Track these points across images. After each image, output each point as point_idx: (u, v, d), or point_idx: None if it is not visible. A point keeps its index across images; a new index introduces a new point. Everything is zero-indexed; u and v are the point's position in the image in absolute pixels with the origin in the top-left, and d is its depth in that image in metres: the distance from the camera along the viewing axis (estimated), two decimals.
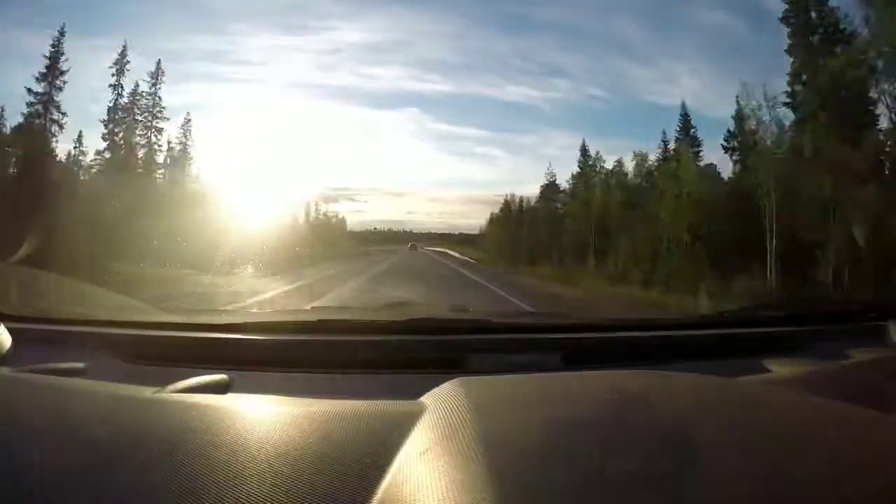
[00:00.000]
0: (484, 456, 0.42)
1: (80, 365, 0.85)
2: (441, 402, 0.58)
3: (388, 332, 1.10)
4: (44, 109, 16.88)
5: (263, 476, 0.42)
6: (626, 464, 0.41)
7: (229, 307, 5.79)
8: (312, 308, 3.20)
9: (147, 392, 0.70)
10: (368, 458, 0.44)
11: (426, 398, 0.61)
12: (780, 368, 0.91)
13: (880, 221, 9.57)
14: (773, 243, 12.49)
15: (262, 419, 0.57)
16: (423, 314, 1.30)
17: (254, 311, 1.35)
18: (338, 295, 8.13)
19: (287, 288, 8.60)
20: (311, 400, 0.75)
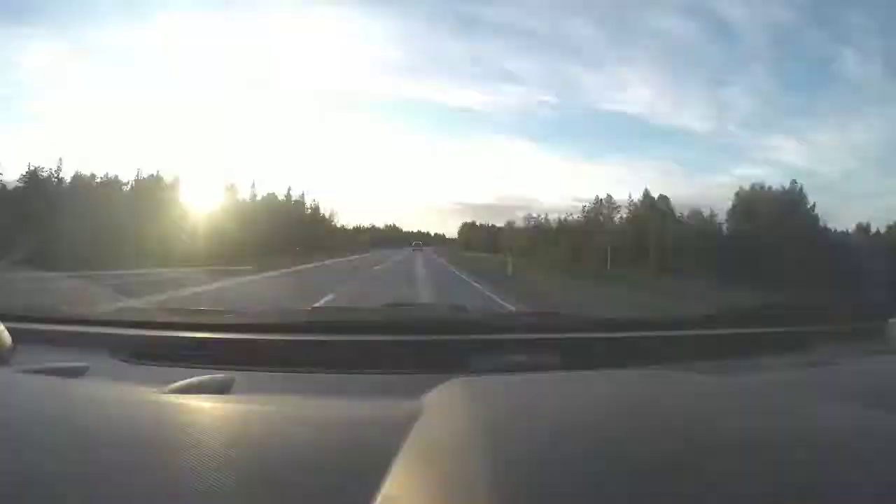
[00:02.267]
0: (484, 456, 0.42)
1: (80, 365, 0.85)
2: (441, 402, 0.58)
3: (388, 332, 1.10)
4: None
5: (263, 476, 0.42)
6: (626, 464, 0.41)
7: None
8: (313, 308, 3.20)
9: (147, 392, 0.70)
10: (368, 458, 0.44)
11: (426, 398, 0.61)
12: (780, 369, 0.92)
13: None
14: None
15: (262, 419, 0.57)
16: (423, 314, 1.30)
17: (254, 311, 1.35)
18: None
19: None
20: (311, 400, 0.75)
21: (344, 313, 1.24)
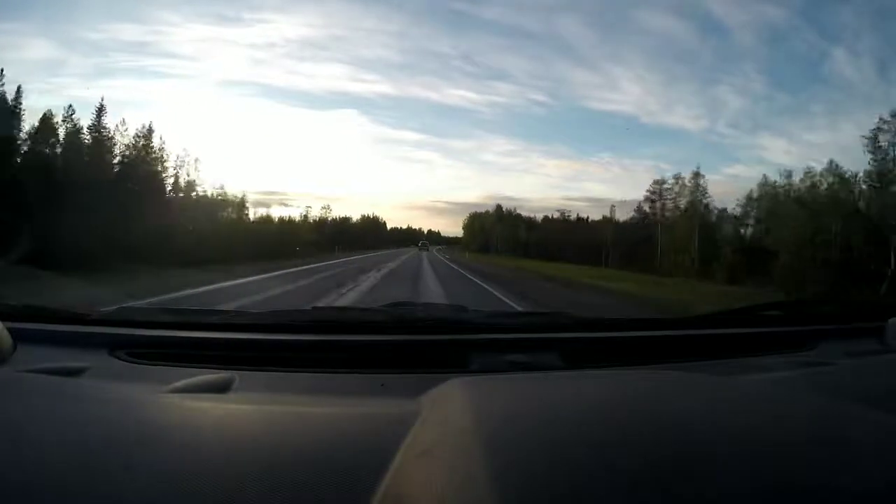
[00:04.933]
0: (483, 456, 0.42)
1: (80, 365, 0.85)
2: (440, 402, 0.58)
3: (387, 332, 1.10)
4: None
5: (263, 476, 0.42)
6: (625, 464, 0.41)
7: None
8: (313, 308, 3.19)
9: (147, 392, 0.70)
10: (368, 458, 0.44)
11: (426, 398, 0.61)
12: (780, 368, 0.91)
13: None
14: None
15: (262, 419, 0.57)
16: (423, 314, 1.30)
17: (254, 310, 1.34)
18: None
19: None
20: (311, 400, 0.75)
21: (344, 313, 1.24)
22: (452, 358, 0.98)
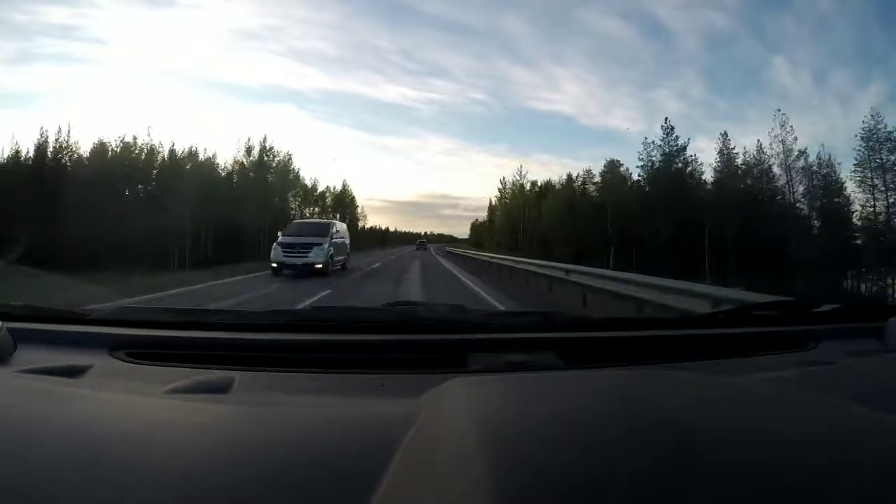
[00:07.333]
0: (483, 456, 0.42)
1: (80, 365, 0.85)
2: (440, 402, 0.58)
3: (387, 332, 1.10)
4: None
5: (263, 476, 0.42)
6: (625, 464, 0.41)
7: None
8: (313, 307, 3.19)
9: (147, 392, 0.70)
10: (368, 458, 0.44)
11: (425, 398, 0.61)
12: (780, 368, 0.91)
13: None
14: None
15: (263, 419, 0.57)
16: (423, 313, 1.30)
17: (254, 310, 1.34)
18: None
19: None
20: (310, 400, 0.75)
21: (344, 312, 1.23)
22: (452, 358, 0.98)
